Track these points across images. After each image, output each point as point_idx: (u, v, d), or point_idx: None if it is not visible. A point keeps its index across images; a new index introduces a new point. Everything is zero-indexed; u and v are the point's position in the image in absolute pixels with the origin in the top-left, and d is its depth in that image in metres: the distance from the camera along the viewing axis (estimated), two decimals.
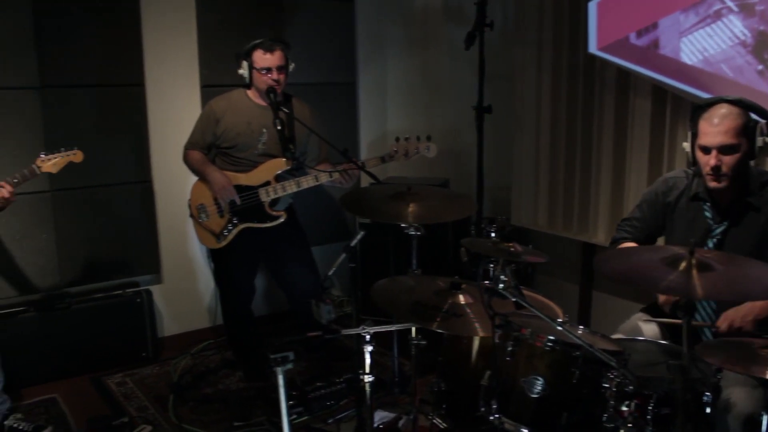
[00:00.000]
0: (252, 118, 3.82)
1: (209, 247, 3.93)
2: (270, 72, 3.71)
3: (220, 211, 3.84)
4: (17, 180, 3.26)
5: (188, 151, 3.92)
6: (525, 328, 2.24)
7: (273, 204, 3.86)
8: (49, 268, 4.11)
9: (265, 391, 3.93)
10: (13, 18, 3.84)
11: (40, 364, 4.06)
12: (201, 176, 3.88)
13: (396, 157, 3.85)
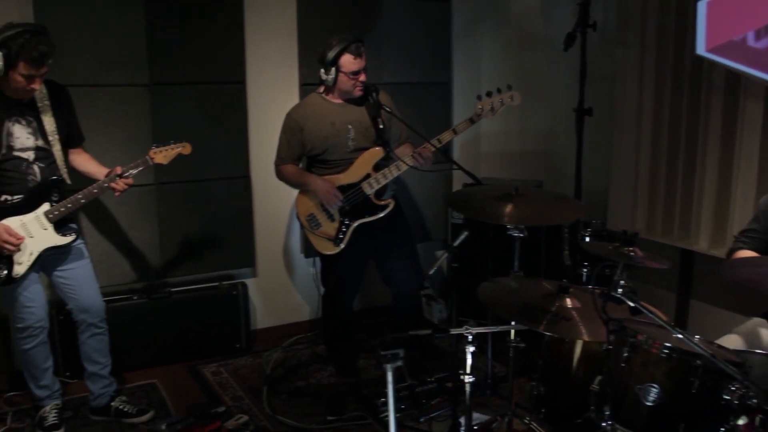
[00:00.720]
0: (334, 118, 3.85)
1: (328, 253, 3.92)
2: (358, 74, 3.75)
3: (330, 215, 3.88)
4: (131, 171, 3.38)
5: (280, 167, 3.95)
6: (641, 334, 2.19)
7: (379, 194, 3.90)
8: (152, 258, 4.27)
9: (356, 386, 3.97)
10: (128, 21, 4.01)
11: (140, 350, 4.22)
12: (302, 187, 3.93)
13: (483, 114, 3.78)
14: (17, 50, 3.03)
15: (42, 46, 3.06)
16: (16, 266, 3.28)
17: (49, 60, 3.12)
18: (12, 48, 3.02)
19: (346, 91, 3.80)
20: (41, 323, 3.47)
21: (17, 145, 3.25)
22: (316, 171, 3.94)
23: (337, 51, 3.71)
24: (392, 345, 2.17)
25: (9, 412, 3.74)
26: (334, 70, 3.75)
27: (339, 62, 3.73)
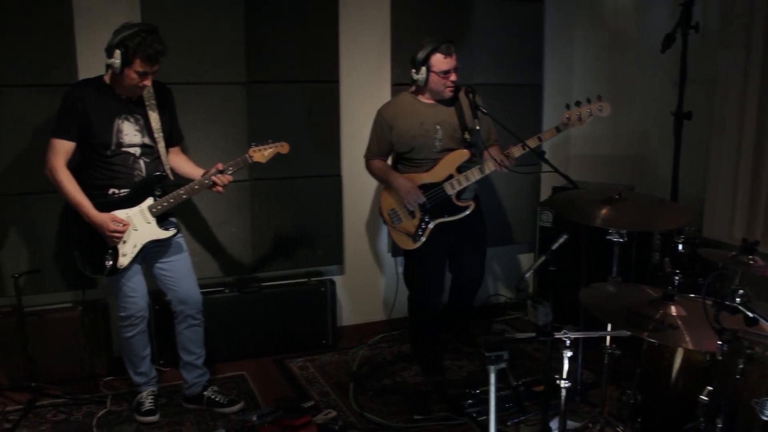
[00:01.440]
0: (424, 118, 3.88)
1: (406, 248, 3.99)
2: (448, 74, 3.76)
3: (411, 212, 3.92)
4: (231, 168, 3.47)
5: (369, 161, 4.06)
6: (758, 346, 2.13)
7: (460, 195, 3.90)
8: (244, 253, 4.36)
9: (442, 386, 3.96)
10: (228, 20, 4.11)
11: (230, 342, 4.32)
12: (386, 183, 3.99)
13: (570, 124, 3.77)
14: (134, 48, 3.17)
15: (157, 45, 3.20)
16: (121, 257, 3.41)
17: (161, 58, 3.24)
18: (129, 46, 3.17)
19: (437, 91, 3.83)
20: (142, 313, 3.60)
21: (126, 141, 3.38)
22: (401, 168, 3.99)
23: (428, 51, 3.77)
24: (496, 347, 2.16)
25: (108, 395, 3.89)
26: (424, 69, 3.78)
27: (430, 62, 3.77)
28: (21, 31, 3.76)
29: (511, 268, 5.31)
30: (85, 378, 4.10)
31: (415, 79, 3.83)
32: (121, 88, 3.34)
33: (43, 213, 3.92)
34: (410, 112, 3.90)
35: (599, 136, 5.08)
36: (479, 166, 3.83)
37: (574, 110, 3.74)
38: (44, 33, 3.80)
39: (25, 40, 3.77)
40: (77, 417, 3.70)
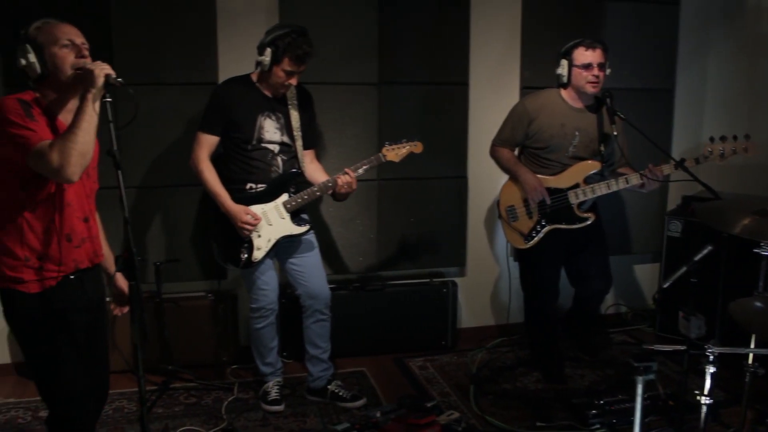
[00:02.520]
0: (566, 120, 3.81)
1: (517, 246, 3.99)
2: (590, 68, 3.68)
3: (529, 212, 3.88)
4: (365, 167, 3.53)
5: (498, 148, 3.99)
6: None
7: (580, 205, 3.84)
8: (369, 252, 4.43)
9: (564, 394, 3.90)
10: (362, 21, 4.20)
11: (351, 338, 4.39)
12: (511, 174, 3.95)
13: (711, 158, 3.64)
14: (284, 47, 3.30)
15: (306, 46, 3.32)
16: (256, 251, 3.52)
17: (309, 59, 3.35)
18: (280, 45, 3.30)
19: (580, 87, 3.74)
20: (272, 305, 3.71)
21: (266, 137, 3.50)
22: (526, 163, 3.95)
23: (571, 44, 3.73)
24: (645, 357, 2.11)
25: (235, 383, 4.03)
26: (566, 63, 3.72)
27: (572, 55, 3.72)
28: (168, 34, 3.97)
29: (630, 279, 5.16)
30: (213, 365, 4.27)
31: (558, 74, 3.79)
32: (267, 86, 3.47)
33: (182, 205, 4.12)
34: (555, 110, 3.84)
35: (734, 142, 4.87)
36: (607, 181, 3.77)
37: (717, 145, 3.65)
38: (189, 35, 4.00)
39: (172, 42, 3.97)
40: (207, 401, 3.85)
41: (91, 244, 2.54)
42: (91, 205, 2.56)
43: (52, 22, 2.42)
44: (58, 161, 2.18)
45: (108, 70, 2.30)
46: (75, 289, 2.47)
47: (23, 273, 2.36)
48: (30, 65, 2.34)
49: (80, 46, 2.41)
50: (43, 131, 2.28)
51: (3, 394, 3.96)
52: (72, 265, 2.45)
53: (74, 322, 2.46)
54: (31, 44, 2.34)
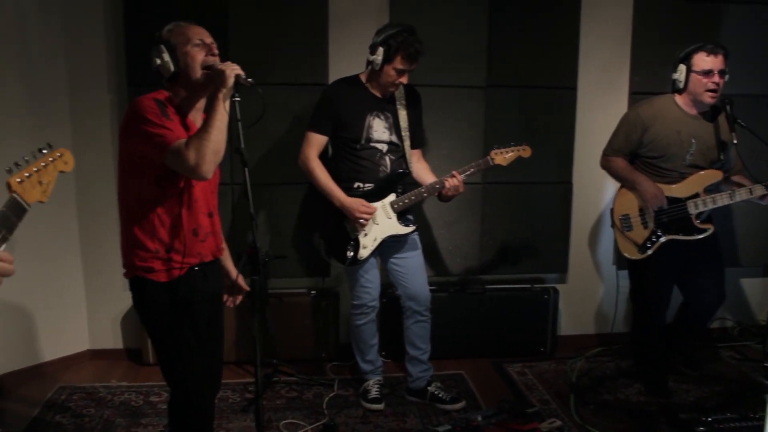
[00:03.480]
0: (682, 128, 3.68)
1: (630, 257, 3.85)
2: (710, 75, 3.55)
3: (645, 222, 3.78)
4: (472, 170, 3.53)
5: (610, 158, 3.88)
6: None
7: (698, 216, 3.72)
8: (471, 255, 4.43)
9: (667, 407, 3.80)
10: (471, 23, 4.21)
11: (450, 341, 4.39)
12: (629, 184, 3.83)
13: None
14: (397, 46, 3.34)
15: (417, 45, 3.35)
16: (362, 250, 3.57)
17: (420, 58, 3.38)
18: (392, 44, 3.34)
19: (697, 95, 3.62)
20: (374, 303, 3.75)
21: (374, 137, 3.55)
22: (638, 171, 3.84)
23: (692, 48, 3.61)
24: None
25: (335, 379, 4.09)
26: (684, 69, 3.61)
27: (691, 60, 3.60)
28: (280, 35, 4.08)
29: (738, 293, 4.97)
30: (313, 360, 4.35)
31: (674, 79, 3.68)
32: (377, 85, 3.52)
33: (287, 203, 4.22)
34: (669, 117, 3.71)
35: None
36: (728, 192, 3.64)
37: None
38: (301, 36, 4.10)
39: (283, 42, 4.08)
40: (308, 396, 3.93)
41: (214, 238, 2.64)
42: (215, 200, 2.66)
43: (183, 23, 2.53)
44: (194, 159, 2.26)
45: (238, 71, 2.39)
46: (199, 280, 2.56)
47: (153, 263, 2.47)
48: (164, 64, 2.45)
49: (210, 45, 2.50)
50: (178, 130, 2.38)
51: (116, 377, 4.15)
52: (197, 258, 2.54)
53: (197, 312, 2.56)
54: (164, 45, 2.45)
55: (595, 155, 3.97)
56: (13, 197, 1.58)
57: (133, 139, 2.38)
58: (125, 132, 2.43)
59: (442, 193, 3.56)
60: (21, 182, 1.60)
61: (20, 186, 1.59)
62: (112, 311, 4.38)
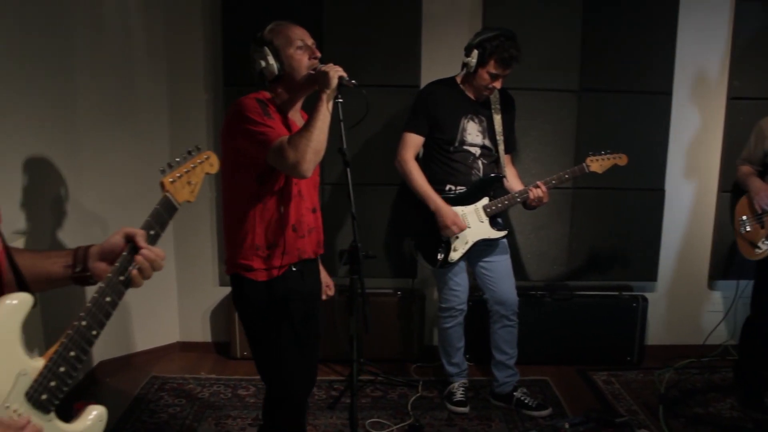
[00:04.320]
0: None
1: (747, 257, 3.76)
2: None
3: (761, 222, 3.67)
4: (567, 176, 3.49)
5: (738, 166, 3.86)
6: None
7: None
8: (558, 260, 4.38)
9: (763, 424, 3.67)
10: (565, 27, 4.16)
11: (535, 346, 4.35)
12: (745, 188, 3.78)
13: None
14: (491, 50, 3.33)
15: (513, 50, 3.33)
16: (453, 252, 3.57)
17: (515, 63, 3.36)
18: (487, 48, 3.34)
19: None
20: (462, 306, 3.75)
21: (468, 140, 3.54)
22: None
23: None
24: None
25: (419, 381, 4.10)
26: None
27: None
28: (374, 36, 4.11)
29: None
30: (397, 361, 4.37)
31: None
32: (471, 88, 3.52)
33: (377, 203, 4.24)
34: None
35: None
36: None
37: None
38: (394, 38, 4.12)
39: (376, 44, 4.11)
40: (392, 396, 3.95)
41: (316, 234, 2.68)
42: (317, 196, 2.70)
43: (284, 23, 2.57)
44: (294, 158, 2.30)
45: (341, 72, 2.42)
46: (296, 279, 2.60)
47: (253, 261, 2.52)
48: (268, 67, 2.49)
49: (312, 47, 2.54)
50: (279, 128, 2.43)
51: (205, 370, 4.26)
52: (296, 254, 2.58)
53: (294, 310, 2.60)
54: (268, 47, 2.49)
55: (690, 161, 3.88)
56: (166, 196, 1.66)
57: (236, 137, 2.43)
58: (228, 131, 2.49)
59: (526, 201, 3.55)
60: (173, 182, 1.68)
61: (172, 186, 1.68)
62: (203, 305, 4.50)
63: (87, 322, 1.42)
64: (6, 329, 1.33)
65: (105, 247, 1.56)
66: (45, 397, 1.36)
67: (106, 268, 1.54)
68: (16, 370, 1.33)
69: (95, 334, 1.43)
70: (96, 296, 1.45)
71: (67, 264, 1.56)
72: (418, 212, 3.60)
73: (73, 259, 1.57)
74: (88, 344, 1.42)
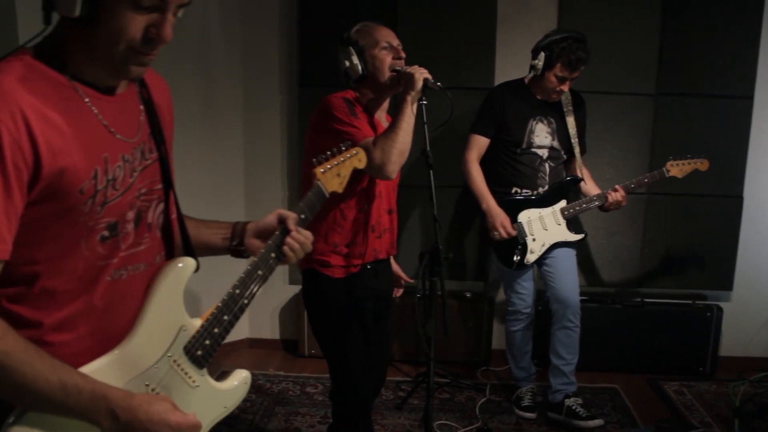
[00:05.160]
0: None
1: None
2: None
3: None
4: (646, 180, 3.44)
5: None
6: None
7: None
8: (630, 267, 4.31)
9: None
10: (643, 30, 4.08)
11: (604, 353, 4.28)
12: None
13: None
14: (558, 53, 3.31)
15: (580, 52, 3.30)
16: (529, 254, 3.55)
17: (582, 66, 3.32)
18: (554, 50, 3.32)
19: None
20: (528, 310, 3.73)
21: (536, 142, 3.53)
22: None
23: None
24: None
25: (487, 384, 4.08)
26: None
27: None
28: (448, 37, 4.11)
29: None
30: (464, 363, 4.35)
31: None
32: (539, 90, 3.50)
33: (447, 205, 4.23)
34: None
35: None
36: None
37: None
38: (468, 40, 4.11)
39: (450, 45, 4.11)
40: (460, 399, 3.94)
41: (390, 235, 2.69)
42: (395, 198, 2.71)
43: (370, 24, 2.59)
44: (380, 159, 2.32)
45: (426, 74, 2.43)
46: (371, 278, 2.62)
47: (330, 258, 2.54)
48: (353, 66, 2.52)
49: (397, 48, 2.56)
50: (365, 128, 2.45)
51: (273, 366, 4.31)
52: (372, 254, 2.60)
53: (366, 309, 2.61)
54: (353, 46, 2.51)
55: None
56: (318, 185, 1.81)
57: (322, 134, 2.46)
58: (314, 128, 2.52)
59: (603, 205, 3.51)
60: (324, 172, 1.84)
61: (323, 176, 1.83)
62: (272, 302, 4.56)
63: (240, 291, 1.55)
64: (172, 288, 1.47)
65: (260, 225, 1.68)
66: (200, 353, 1.49)
67: (259, 244, 1.66)
68: (178, 324, 1.47)
69: (246, 302, 1.56)
70: (249, 268, 1.58)
71: (225, 236, 1.69)
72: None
73: (231, 233, 1.69)
74: (240, 311, 1.55)
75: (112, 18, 1.22)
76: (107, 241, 1.35)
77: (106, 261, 1.36)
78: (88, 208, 1.30)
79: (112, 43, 1.24)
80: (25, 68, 1.23)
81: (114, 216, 1.36)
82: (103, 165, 1.32)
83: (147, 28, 1.25)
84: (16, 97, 1.19)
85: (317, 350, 4.26)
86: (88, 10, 1.20)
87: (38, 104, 1.21)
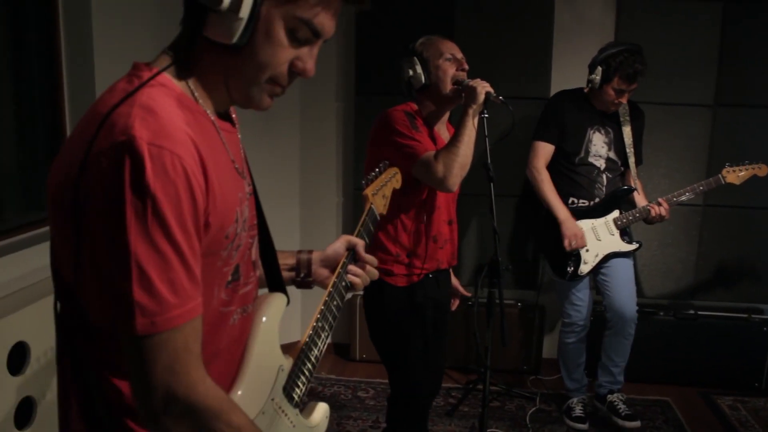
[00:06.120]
0: None
1: None
2: None
3: None
4: (702, 188, 3.43)
5: None
6: None
7: None
8: (684, 278, 4.27)
9: None
10: (702, 38, 4.05)
11: (656, 365, 4.24)
12: None
13: None
14: (615, 66, 3.31)
15: (638, 65, 3.29)
16: (583, 265, 3.55)
17: (640, 78, 3.32)
18: (611, 64, 3.31)
19: None
20: (584, 322, 3.71)
21: (593, 151, 3.53)
22: None
23: None
24: None
25: (537, 393, 4.08)
26: None
27: None
28: (504, 48, 4.13)
29: None
30: (514, 372, 4.36)
31: None
32: (598, 101, 3.50)
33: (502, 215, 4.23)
34: None
35: None
36: None
37: None
38: (526, 50, 4.13)
39: (507, 55, 4.12)
40: (510, 408, 3.95)
41: (451, 246, 2.73)
42: (454, 209, 2.75)
43: (435, 37, 2.64)
44: (442, 172, 2.37)
45: (488, 88, 2.46)
46: (433, 287, 2.67)
47: (393, 267, 2.59)
48: (416, 76, 2.57)
49: (461, 60, 2.60)
50: (426, 141, 2.49)
51: (325, 370, 4.37)
52: (434, 264, 2.64)
53: (426, 317, 2.65)
54: (417, 57, 2.57)
55: None
56: (372, 209, 1.79)
57: (383, 147, 2.50)
58: (375, 140, 2.57)
59: (647, 217, 3.51)
60: (374, 195, 1.82)
61: (374, 198, 1.81)
62: None
63: (321, 324, 1.50)
64: (270, 327, 1.39)
65: (329, 253, 1.62)
66: (297, 392, 1.42)
67: (327, 274, 1.62)
68: (277, 365, 1.39)
69: (327, 335, 1.52)
70: (327, 300, 1.53)
71: (290, 267, 1.62)
72: (547, 224, 3.59)
73: (296, 264, 1.63)
74: (323, 344, 1.51)
75: (264, 47, 1.16)
76: (230, 285, 1.26)
77: (228, 307, 1.27)
78: (227, 253, 1.21)
79: (257, 72, 1.18)
80: (175, 95, 1.13)
81: (239, 258, 1.27)
82: (240, 205, 1.24)
83: (292, 61, 1.20)
84: (187, 131, 1.08)
85: (369, 354, 4.35)
86: (248, 38, 1.14)
87: (198, 139, 1.10)
